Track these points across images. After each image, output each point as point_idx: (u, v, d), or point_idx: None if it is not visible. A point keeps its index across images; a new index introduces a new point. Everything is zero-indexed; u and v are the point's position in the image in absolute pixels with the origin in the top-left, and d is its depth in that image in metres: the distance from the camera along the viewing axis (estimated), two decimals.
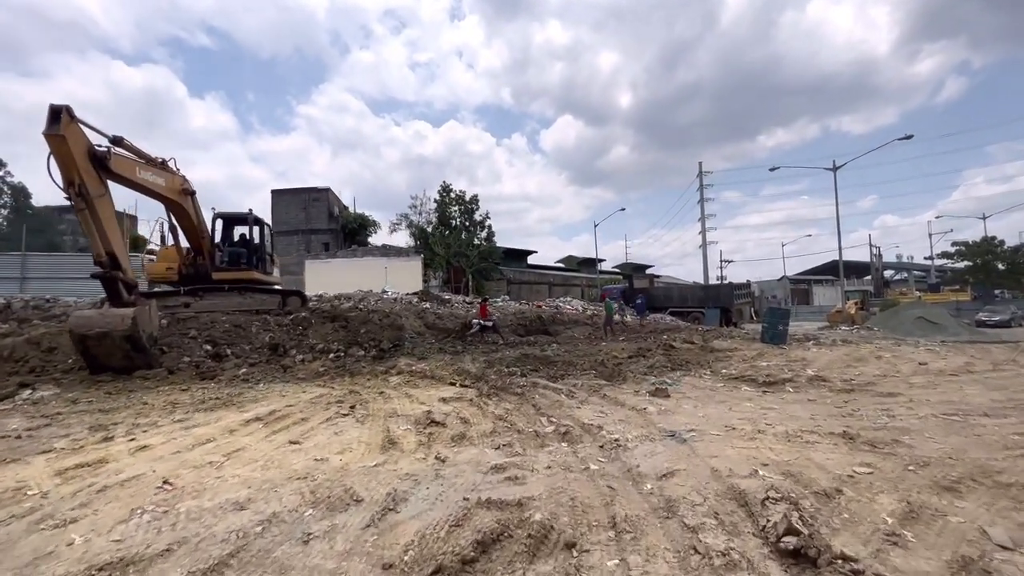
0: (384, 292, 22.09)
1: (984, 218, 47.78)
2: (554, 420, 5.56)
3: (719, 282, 29.04)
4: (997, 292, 43.05)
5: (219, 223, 13.53)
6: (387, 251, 30.62)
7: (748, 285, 27.72)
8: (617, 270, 64.75)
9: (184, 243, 12.56)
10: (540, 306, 23.03)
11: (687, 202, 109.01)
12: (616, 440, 4.50)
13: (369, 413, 5.76)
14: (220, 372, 9.37)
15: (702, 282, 35.92)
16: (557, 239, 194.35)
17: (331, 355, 11.26)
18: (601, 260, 57.30)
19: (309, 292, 25.24)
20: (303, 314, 12.84)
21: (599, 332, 16.68)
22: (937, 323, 23.09)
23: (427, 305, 19.93)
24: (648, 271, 55.19)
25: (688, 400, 6.37)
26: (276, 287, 14.55)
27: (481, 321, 16.13)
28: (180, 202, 11.60)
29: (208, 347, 10.64)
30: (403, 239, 36.95)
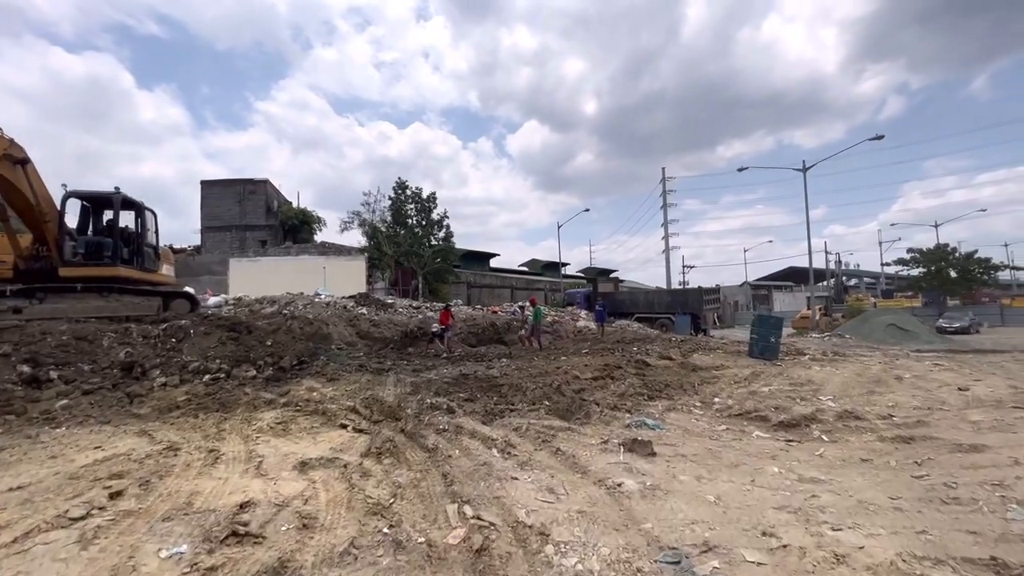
0: (317, 295, 19.25)
1: (936, 226, 48.87)
2: (469, 511, 3.25)
3: (685, 287, 27.56)
4: (951, 300, 43.81)
5: (75, 205, 10.55)
6: (326, 249, 27.47)
7: (717, 290, 26.30)
8: (581, 274, 63.34)
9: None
10: (495, 311, 20.71)
11: (650, 208, 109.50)
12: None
13: (137, 509, 3.25)
14: (29, 405, 6.68)
15: (665, 287, 34.57)
16: (523, 244, 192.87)
17: (208, 376, 8.55)
18: (565, 264, 55.67)
19: (233, 294, 22.02)
20: (182, 322, 10.01)
21: (526, 343, 14.58)
22: (908, 330, 22.21)
23: (364, 310, 17.25)
24: (612, 276, 53.82)
25: (683, 461, 4.16)
26: (158, 288, 11.62)
27: (438, 327, 13.86)
28: (4, 173, 8.66)
29: (26, 368, 7.77)
30: (355, 239, 33.97)
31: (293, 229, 31.72)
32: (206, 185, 31.99)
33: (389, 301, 19.63)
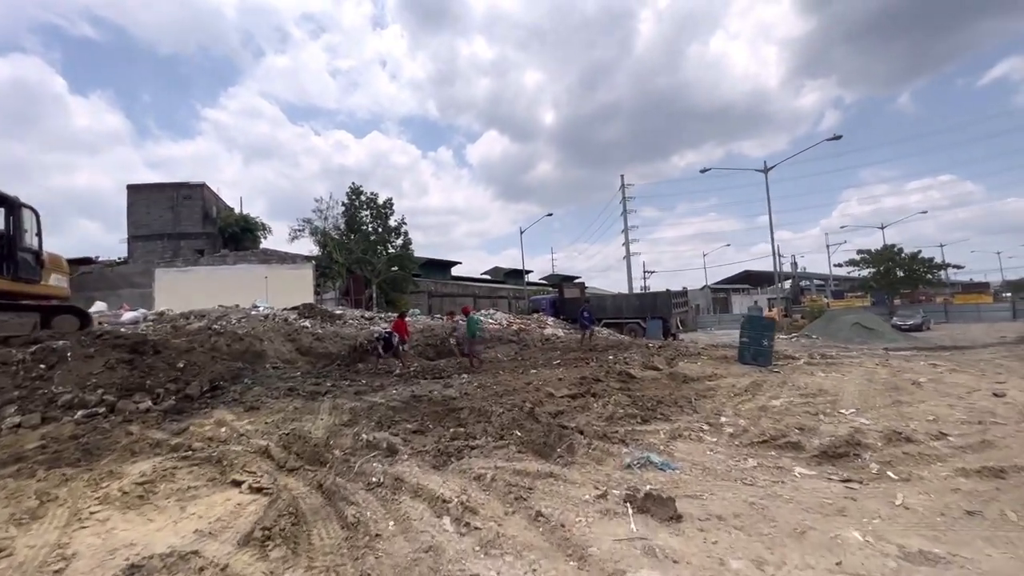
0: (255, 307, 17.15)
1: (883, 227, 50.89)
2: None
3: (654, 291, 26.83)
4: (896, 299, 45.42)
5: None
6: (268, 257, 24.98)
7: (685, 293, 25.70)
8: (545, 281, 62.53)
9: None
10: (455, 320, 19.16)
11: (609, 216, 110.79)
12: None
13: None
14: None
15: (627, 292, 33.93)
16: (485, 253, 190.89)
17: (82, 412, 6.69)
18: (528, 271, 54.57)
19: (161, 307, 19.50)
20: (58, 343, 8.01)
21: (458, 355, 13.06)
22: (873, 328, 22.18)
23: (307, 323, 15.35)
24: (577, 281, 53.18)
25: (723, 528, 2.85)
26: (41, 302, 9.48)
27: (382, 334, 12.12)
28: None
29: None
30: (307, 247, 31.51)
31: (234, 237, 29.02)
32: (133, 190, 28.80)
33: (338, 312, 17.74)
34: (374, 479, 3.98)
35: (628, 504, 3.17)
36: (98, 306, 16.11)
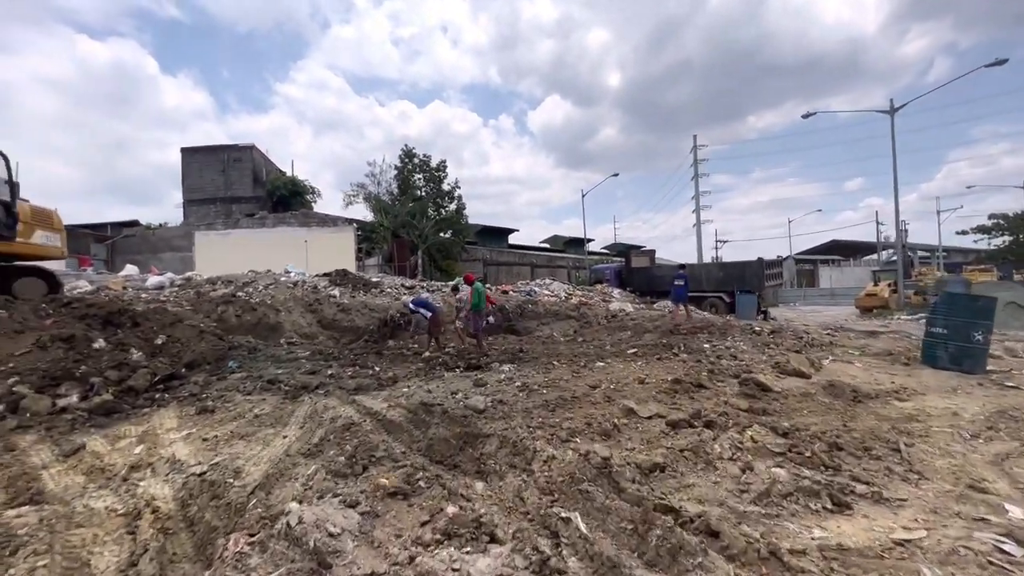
0: (286, 272, 15.59)
1: None
2: None
3: (743, 260, 22.46)
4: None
5: None
6: (308, 220, 23.56)
7: (780, 263, 21.56)
8: (606, 250, 58.68)
9: None
10: (507, 291, 16.77)
11: (676, 183, 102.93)
12: None
13: None
14: None
15: (705, 261, 29.87)
16: (545, 222, 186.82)
17: None
18: (590, 239, 50.90)
19: (201, 271, 18.54)
20: None
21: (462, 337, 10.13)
22: None
23: (336, 292, 13.49)
24: (646, 250, 49.02)
25: None
26: (24, 262, 8.01)
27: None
28: None
29: None
30: (361, 213, 30.15)
31: (283, 200, 28.09)
32: (186, 153, 28.39)
33: (375, 280, 15.84)
34: None
35: None
36: (128, 269, 15.15)
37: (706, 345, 7.98)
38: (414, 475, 3.23)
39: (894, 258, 41.65)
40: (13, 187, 8.47)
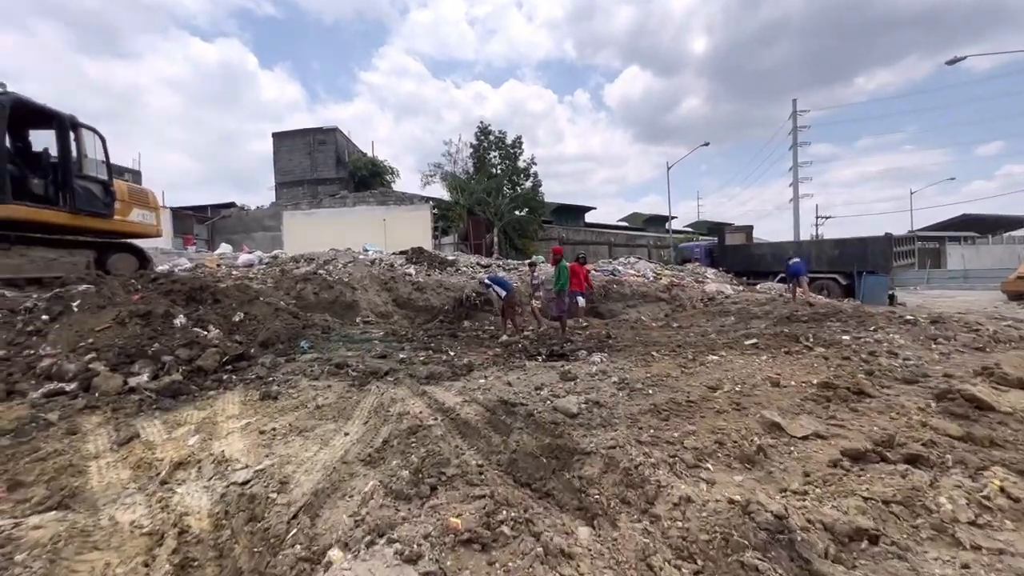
0: (365, 250, 15.60)
1: None
2: None
3: (862, 237, 18.96)
4: None
5: None
6: (385, 198, 23.76)
7: (912, 239, 18.35)
8: (690, 228, 54.89)
9: None
10: (587, 270, 15.64)
11: (769, 156, 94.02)
12: None
13: None
14: None
15: (815, 239, 26.48)
16: (623, 200, 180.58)
17: (51, 385, 4.80)
18: (673, 217, 47.71)
19: (290, 250, 19.27)
20: (79, 288, 6.39)
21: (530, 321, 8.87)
22: None
23: (412, 271, 13.16)
24: (742, 226, 45.03)
25: None
26: (107, 239, 8.28)
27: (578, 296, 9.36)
28: None
29: None
30: (438, 193, 30.29)
31: (364, 181, 28.75)
32: (277, 137, 29.88)
33: (451, 258, 15.41)
34: None
35: None
36: (222, 248, 15.92)
37: (844, 337, 6.47)
38: (495, 512, 2.39)
39: None
40: (110, 167, 8.75)
